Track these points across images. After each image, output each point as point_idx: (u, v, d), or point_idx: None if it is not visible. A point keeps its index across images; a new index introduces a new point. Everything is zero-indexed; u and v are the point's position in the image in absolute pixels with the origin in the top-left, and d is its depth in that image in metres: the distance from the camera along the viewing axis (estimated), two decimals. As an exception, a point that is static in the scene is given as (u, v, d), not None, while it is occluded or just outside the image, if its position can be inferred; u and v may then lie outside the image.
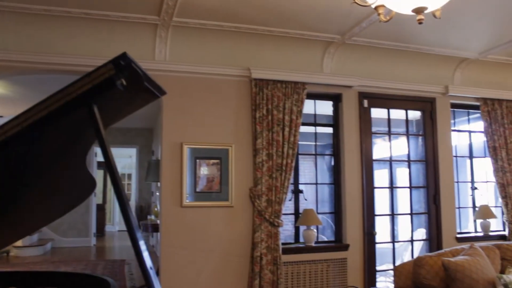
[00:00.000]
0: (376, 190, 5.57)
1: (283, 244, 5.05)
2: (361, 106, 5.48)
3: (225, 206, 4.80)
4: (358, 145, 5.43)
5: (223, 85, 4.93)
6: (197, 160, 4.77)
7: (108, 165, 1.50)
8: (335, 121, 5.53)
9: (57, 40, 4.50)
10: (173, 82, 4.74)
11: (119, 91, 1.44)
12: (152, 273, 1.43)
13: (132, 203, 13.62)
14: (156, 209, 8.32)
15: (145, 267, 1.42)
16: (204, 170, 4.78)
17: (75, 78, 1.41)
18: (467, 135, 6.42)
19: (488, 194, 6.47)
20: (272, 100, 4.92)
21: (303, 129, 5.25)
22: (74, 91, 1.39)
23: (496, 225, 6.29)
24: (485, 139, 6.07)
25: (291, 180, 5.03)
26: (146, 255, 1.43)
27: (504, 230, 6.13)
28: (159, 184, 5.86)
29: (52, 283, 2.14)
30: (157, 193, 8.49)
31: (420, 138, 5.98)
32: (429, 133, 5.88)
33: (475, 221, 6.27)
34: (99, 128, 1.49)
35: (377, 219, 5.57)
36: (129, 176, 16.56)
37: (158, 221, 5.99)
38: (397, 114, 5.91)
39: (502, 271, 4.26)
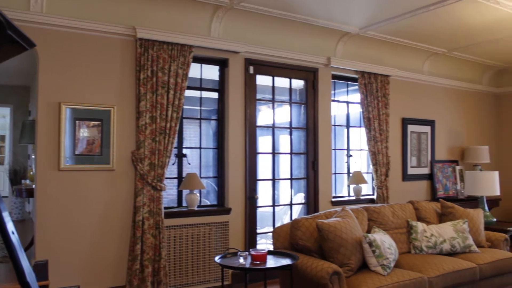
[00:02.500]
0: (259, 156, 5.72)
1: (166, 208, 5.04)
2: (247, 72, 5.54)
3: (106, 169, 4.64)
4: (242, 111, 5.50)
5: (107, 44, 4.68)
6: (77, 122, 4.52)
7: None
8: (221, 86, 5.54)
9: None
10: (51, 36, 4.40)
11: (-23, 40, 1.30)
12: (14, 238, 1.35)
13: (6, 167, 12.66)
14: (31, 173, 7.84)
15: (6, 233, 1.33)
16: (84, 132, 4.55)
17: None
18: (345, 105, 6.79)
19: (361, 161, 6.95)
20: (158, 62, 4.78)
21: (188, 93, 5.20)
22: None
23: (366, 190, 6.81)
24: (361, 110, 6.48)
25: (175, 144, 4.99)
26: (10, 225, 1.34)
27: (373, 194, 6.68)
28: (34, 146, 5.48)
29: None
30: (33, 156, 7.98)
31: (302, 107, 6.21)
32: (310, 102, 6.13)
33: (348, 186, 6.72)
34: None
35: (259, 183, 5.75)
36: (2, 137, 15.33)
37: (34, 186, 5.64)
38: (282, 82, 6.07)
39: (369, 231, 4.65)
